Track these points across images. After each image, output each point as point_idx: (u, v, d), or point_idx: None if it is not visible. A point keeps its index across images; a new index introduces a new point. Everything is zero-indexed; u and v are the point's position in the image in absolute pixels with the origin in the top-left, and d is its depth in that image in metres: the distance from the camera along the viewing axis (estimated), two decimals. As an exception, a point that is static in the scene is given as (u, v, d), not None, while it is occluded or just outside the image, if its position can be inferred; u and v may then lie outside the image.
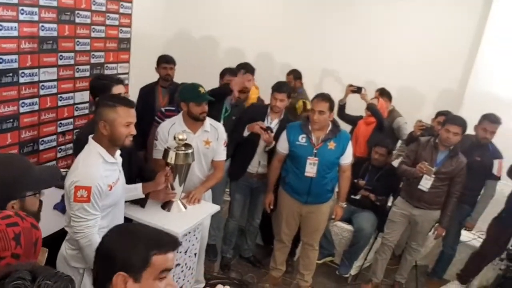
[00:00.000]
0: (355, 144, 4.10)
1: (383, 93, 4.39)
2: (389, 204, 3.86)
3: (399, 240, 3.78)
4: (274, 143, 3.34)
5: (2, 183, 1.47)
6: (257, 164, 3.51)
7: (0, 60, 3.06)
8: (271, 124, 3.41)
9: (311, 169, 3.15)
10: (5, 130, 3.22)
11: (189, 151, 2.59)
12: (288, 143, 3.22)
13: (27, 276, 0.94)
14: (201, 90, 2.85)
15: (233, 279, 3.67)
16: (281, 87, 3.40)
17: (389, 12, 4.87)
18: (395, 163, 3.91)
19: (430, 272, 4.11)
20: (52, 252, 1.72)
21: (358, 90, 4.25)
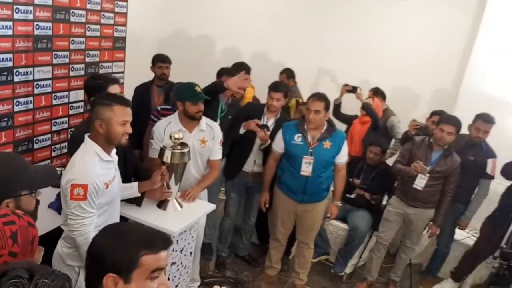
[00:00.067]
0: (350, 143, 4.11)
1: (377, 93, 4.41)
2: (384, 203, 3.89)
3: (394, 239, 3.80)
4: (270, 142, 3.35)
5: (-2, 182, 1.47)
6: (253, 163, 3.51)
7: (-5, 59, 3.04)
8: (268, 123, 3.42)
9: (307, 168, 3.17)
10: (0, 129, 3.21)
11: (185, 150, 2.59)
12: (284, 142, 3.23)
13: (24, 274, 0.94)
14: (197, 89, 2.86)
15: (229, 278, 3.68)
16: (278, 87, 3.42)
17: (384, 13, 4.89)
18: (389, 162, 3.93)
19: (424, 270, 4.13)
20: (48, 251, 1.71)
21: (353, 90, 4.26)
